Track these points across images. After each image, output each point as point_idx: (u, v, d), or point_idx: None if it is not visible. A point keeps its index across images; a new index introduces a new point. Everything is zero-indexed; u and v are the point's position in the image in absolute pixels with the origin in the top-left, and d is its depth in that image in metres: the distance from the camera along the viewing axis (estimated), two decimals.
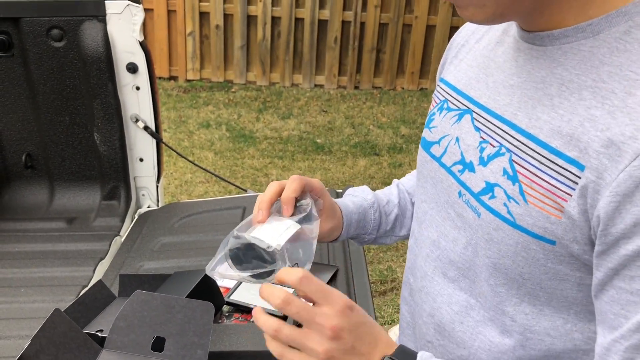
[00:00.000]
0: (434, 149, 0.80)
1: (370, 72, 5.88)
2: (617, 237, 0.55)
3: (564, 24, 0.63)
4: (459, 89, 0.79)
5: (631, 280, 0.55)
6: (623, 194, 0.53)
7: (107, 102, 1.48)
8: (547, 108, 0.63)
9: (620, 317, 0.57)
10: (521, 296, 0.67)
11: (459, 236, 0.73)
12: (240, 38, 5.77)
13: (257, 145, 4.86)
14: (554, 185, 0.60)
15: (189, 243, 1.38)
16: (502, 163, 0.66)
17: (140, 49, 1.47)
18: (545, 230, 0.61)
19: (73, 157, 1.55)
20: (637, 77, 0.56)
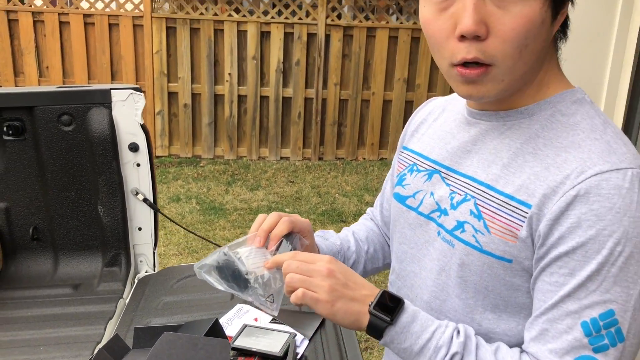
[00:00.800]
0: (410, 202, 0.99)
1: (333, 144, 6.20)
2: (548, 247, 0.78)
3: (510, 106, 0.87)
4: (425, 155, 1.00)
5: (551, 275, 0.78)
6: (553, 219, 0.76)
7: (112, 178, 1.66)
8: (499, 167, 0.85)
9: (540, 301, 0.80)
10: (485, 305, 0.87)
11: (434, 266, 0.93)
12: (208, 115, 6.03)
13: (227, 216, 5.02)
14: (510, 219, 0.82)
15: (189, 301, 1.53)
16: (468, 206, 0.87)
17: (141, 131, 1.67)
18: (504, 252, 0.82)
19: (77, 228, 1.71)
20: (562, 146, 0.81)
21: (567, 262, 0.76)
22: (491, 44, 0.76)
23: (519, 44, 0.76)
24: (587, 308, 0.75)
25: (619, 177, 0.75)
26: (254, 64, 5.89)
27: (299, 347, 1.32)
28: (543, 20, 0.76)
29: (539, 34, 0.77)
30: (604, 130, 0.81)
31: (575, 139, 0.80)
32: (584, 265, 0.75)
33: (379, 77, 6.02)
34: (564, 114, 0.84)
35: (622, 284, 0.74)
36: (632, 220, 0.73)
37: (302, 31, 5.84)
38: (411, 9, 5.98)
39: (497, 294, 0.85)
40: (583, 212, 0.74)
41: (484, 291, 0.86)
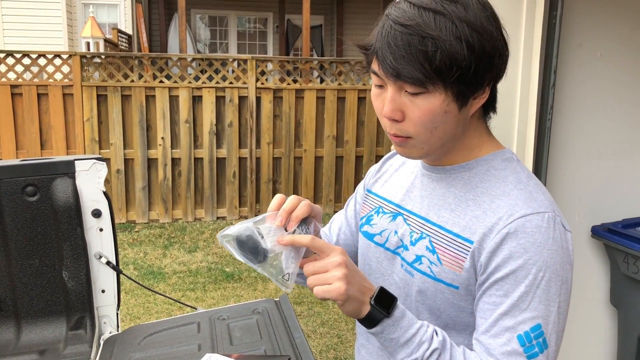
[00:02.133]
0: (377, 239, 1.16)
1: (269, 200, 6.32)
2: (487, 274, 0.96)
3: (453, 162, 1.06)
4: (389, 200, 1.18)
5: (489, 297, 0.97)
6: (491, 252, 0.95)
7: (76, 244, 1.74)
8: (448, 211, 1.04)
9: (482, 319, 0.98)
10: (438, 324, 1.03)
11: (400, 293, 1.09)
12: (141, 180, 6.06)
13: (167, 280, 5.01)
14: (456, 253, 1.00)
15: (158, 355, 1.62)
16: (424, 243, 1.05)
17: (104, 197, 1.78)
18: (452, 279, 1.00)
19: (41, 295, 1.76)
20: (495, 194, 1.00)
21: (502, 286, 0.94)
22: (406, 125, 0.97)
23: (427, 127, 0.96)
24: (521, 324, 0.93)
25: (538, 218, 0.94)
26: (187, 127, 6.03)
27: None
28: (446, 111, 0.95)
29: (445, 120, 0.96)
30: (527, 182, 1.01)
31: (505, 189, 1.00)
32: (515, 288, 0.93)
33: (310, 135, 6.29)
34: (496, 169, 1.03)
35: (544, 302, 0.93)
36: (549, 252, 0.93)
37: (233, 94, 6.07)
38: (335, 71, 6.37)
39: (447, 315, 1.03)
40: (513, 246, 0.94)
41: (437, 312, 1.04)
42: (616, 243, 2.18)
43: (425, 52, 0.89)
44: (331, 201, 6.45)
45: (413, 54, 0.90)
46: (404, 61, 0.90)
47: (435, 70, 0.90)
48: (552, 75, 1.98)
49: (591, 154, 2.22)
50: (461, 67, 0.90)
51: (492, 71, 0.95)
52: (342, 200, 6.49)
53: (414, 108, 0.95)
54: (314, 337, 3.99)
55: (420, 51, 0.89)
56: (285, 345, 1.61)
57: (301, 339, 1.64)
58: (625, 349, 2.29)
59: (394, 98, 0.95)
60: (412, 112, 0.95)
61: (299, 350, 1.59)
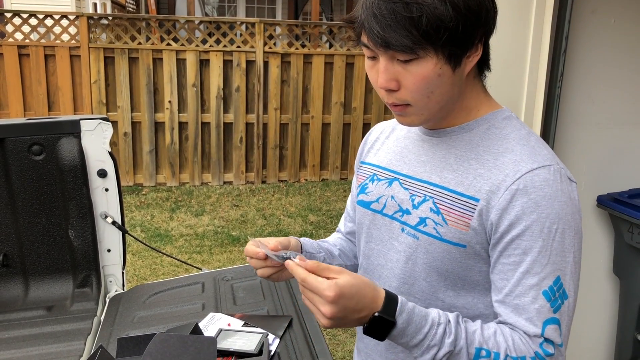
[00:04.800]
0: (374, 206, 1.16)
1: (275, 167, 6.36)
2: (501, 233, 0.96)
3: (452, 125, 1.06)
4: (383, 166, 1.17)
5: (508, 257, 0.96)
6: (502, 209, 0.95)
7: (82, 203, 1.75)
8: (449, 171, 1.04)
9: (503, 280, 0.98)
10: (447, 285, 1.05)
11: (400, 257, 1.09)
12: (148, 143, 6.06)
13: (173, 243, 5.06)
14: (462, 212, 1.00)
15: (163, 314, 1.65)
16: (428, 205, 1.05)
17: (109, 157, 1.78)
18: (460, 239, 1.00)
19: (48, 253, 1.79)
20: (498, 152, 1.00)
21: (520, 244, 0.94)
22: (403, 93, 0.97)
23: (423, 93, 0.96)
24: (544, 279, 0.94)
25: (545, 171, 0.95)
26: (194, 91, 6.00)
27: (272, 345, 1.46)
28: (439, 75, 0.95)
29: (440, 83, 0.96)
30: (528, 138, 1.02)
31: (508, 146, 1.00)
32: (533, 244, 0.93)
33: (317, 101, 6.25)
34: (497, 127, 1.04)
35: (561, 254, 0.94)
36: (560, 204, 0.94)
37: (240, 58, 6.01)
38: (344, 36, 6.28)
39: (455, 275, 1.03)
40: (524, 201, 0.94)
41: (445, 273, 1.04)
42: (621, 213, 2.17)
43: (411, 18, 0.89)
44: (337, 168, 6.45)
45: (399, 22, 0.89)
46: (391, 30, 0.90)
47: (424, 35, 0.90)
48: (564, 41, 1.95)
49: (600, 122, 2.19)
50: (449, 28, 0.90)
51: (481, 28, 0.95)
52: (348, 167, 6.48)
53: (407, 75, 0.95)
54: None
55: (405, 18, 0.89)
56: (288, 306, 1.63)
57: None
58: (626, 318, 2.31)
59: (386, 68, 0.95)
60: (406, 80, 0.95)
61: (301, 312, 1.61)
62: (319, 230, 5.24)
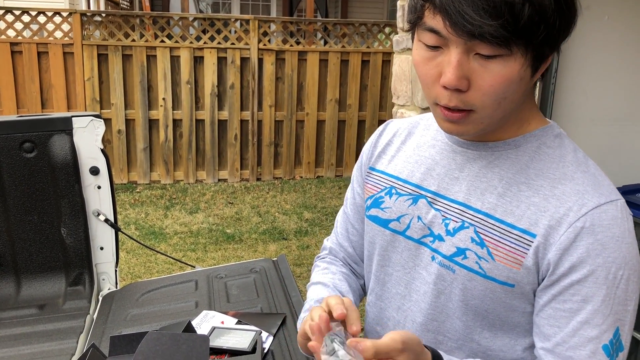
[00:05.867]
0: (394, 225, 0.99)
1: (270, 164, 6.35)
2: (559, 275, 0.83)
3: (496, 139, 0.90)
4: (404, 179, 0.99)
5: (564, 303, 0.84)
6: (563, 249, 0.82)
7: (74, 201, 1.74)
8: (494, 196, 0.88)
9: (554, 327, 0.85)
10: (483, 325, 0.91)
11: (429, 290, 0.95)
12: (142, 141, 6.04)
13: (168, 240, 5.05)
14: (514, 247, 0.85)
15: (156, 312, 1.64)
16: (468, 234, 0.89)
17: (102, 155, 1.77)
18: (508, 277, 0.86)
19: (40, 251, 1.77)
20: (555, 177, 0.86)
21: (580, 290, 0.81)
22: (471, 95, 0.80)
23: (497, 98, 0.80)
24: (605, 332, 0.81)
25: (613, 208, 0.83)
26: (188, 88, 5.98)
27: (265, 342, 1.46)
28: (521, 78, 0.80)
29: (517, 89, 0.81)
30: (586, 163, 0.88)
31: (567, 172, 0.86)
32: (595, 292, 0.81)
33: (312, 98, 6.24)
34: (549, 147, 0.89)
35: (623, 303, 0.82)
36: (627, 246, 0.82)
37: (235, 55, 5.99)
38: (339, 33, 6.27)
39: (495, 315, 0.90)
40: (590, 242, 0.80)
41: (483, 313, 0.91)
42: None
43: (512, 5, 0.74)
44: (332, 165, 6.44)
45: (497, 7, 0.73)
46: (487, 16, 0.74)
47: (523, 27, 0.75)
48: None
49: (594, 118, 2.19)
50: (548, 24, 0.76)
51: (570, 29, 0.81)
52: (343, 164, 6.47)
53: (485, 75, 0.78)
54: None
55: (506, 3, 0.74)
56: (282, 304, 1.62)
57: (298, 297, 1.65)
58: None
59: (460, 63, 0.78)
60: (481, 80, 0.79)
61: (295, 309, 1.60)
62: (314, 227, 5.24)
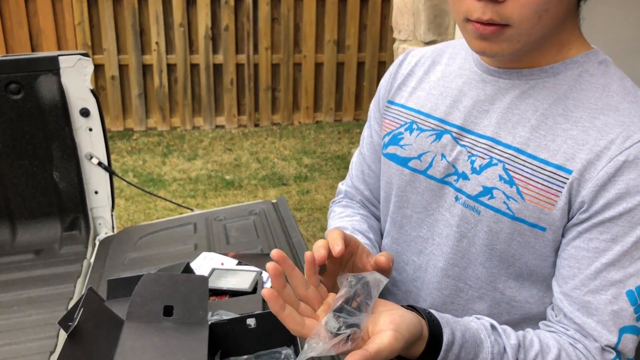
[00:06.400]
0: (414, 164, 0.92)
1: (268, 109, 6.25)
2: (591, 213, 0.75)
3: (532, 65, 0.81)
4: (426, 113, 0.92)
5: (589, 241, 0.76)
6: (600, 185, 0.74)
7: (65, 144, 1.69)
8: (526, 129, 0.80)
9: (574, 268, 0.77)
10: (509, 274, 0.85)
11: (452, 233, 0.88)
12: (137, 87, 5.93)
13: (167, 187, 5.02)
14: (547, 185, 0.78)
15: (154, 255, 1.61)
16: (496, 171, 0.81)
17: (91, 95, 1.70)
18: (539, 219, 0.79)
19: (33, 196, 1.73)
20: (596, 107, 0.78)
21: (610, 228, 0.74)
22: (509, 7, 0.72)
23: (537, 10, 0.72)
24: (632, 277, 0.74)
25: None
26: (182, 31, 5.81)
27: (266, 283, 1.43)
28: None
29: (560, 2, 0.74)
30: (635, 93, 0.80)
31: (611, 102, 0.78)
32: (628, 232, 0.74)
33: (310, 40, 6.08)
34: (592, 75, 0.80)
35: None
36: None
37: None
38: None
39: (523, 263, 0.83)
40: (632, 177, 0.73)
41: (510, 259, 0.84)
42: None
43: None
44: (331, 110, 6.34)
45: None
46: None
47: None
48: None
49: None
50: None
51: None
52: (342, 109, 6.37)
53: None
54: (313, 241, 4.03)
55: None
56: (282, 245, 1.59)
57: (298, 238, 1.62)
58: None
59: None
60: None
61: (296, 249, 1.58)
62: (314, 172, 5.20)
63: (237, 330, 1.13)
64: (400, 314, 0.68)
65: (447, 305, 0.92)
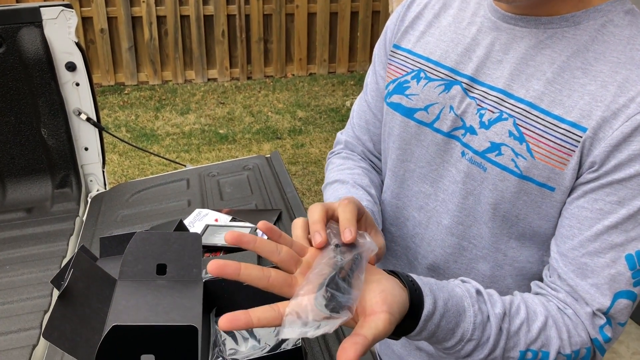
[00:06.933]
0: (420, 116, 0.86)
1: (261, 62, 6.14)
2: (600, 174, 0.71)
3: (551, 13, 0.75)
4: (436, 61, 0.86)
5: (594, 202, 0.72)
6: (614, 145, 0.69)
7: (52, 99, 1.64)
8: (542, 82, 0.74)
9: (574, 228, 0.73)
10: (511, 234, 0.81)
11: (457, 189, 0.84)
12: (127, 40, 5.79)
13: (160, 142, 4.97)
14: (559, 144, 0.72)
15: (147, 211, 1.59)
16: (506, 126, 0.76)
17: (77, 49, 1.64)
18: (548, 179, 0.74)
19: (22, 153, 1.70)
20: (618, 61, 0.71)
21: (618, 190, 0.70)
22: None
23: None
24: (633, 240, 0.71)
25: None
26: None
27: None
28: None
29: None
30: None
31: (635, 56, 0.72)
32: (637, 196, 0.70)
33: None
34: (616, 26, 0.74)
35: None
36: None
37: None
38: None
39: (527, 223, 0.80)
40: None
41: (513, 219, 0.80)
42: None
43: None
44: (325, 61, 6.23)
45: None
46: None
47: None
48: None
49: None
50: None
51: None
52: (336, 60, 6.25)
53: None
54: (308, 195, 4.04)
55: None
56: (277, 200, 1.57)
57: (293, 193, 1.60)
58: None
59: None
60: None
61: (290, 204, 1.56)
62: (308, 125, 5.15)
63: (232, 287, 1.11)
64: (391, 290, 0.61)
65: (449, 264, 0.90)
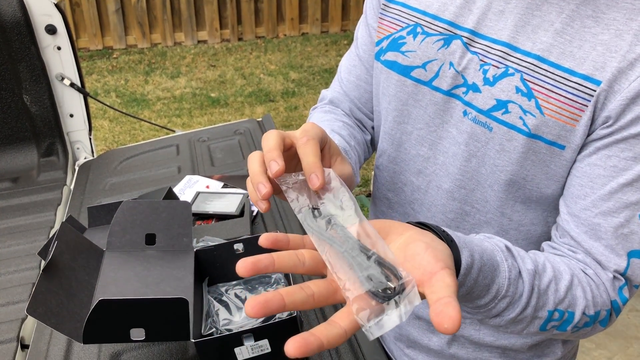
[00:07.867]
0: (417, 73, 0.81)
1: (252, 22, 6.00)
2: (615, 129, 0.67)
3: None
4: (433, 14, 0.80)
5: (607, 159, 0.67)
6: (631, 98, 0.65)
7: (33, 64, 1.57)
8: (549, 33, 0.69)
9: (586, 187, 0.69)
10: (516, 197, 0.77)
11: (459, 151, 0.79)
12: (113, 2, 5.64)
13: (151, 107, 4.89)
14: (571, 99, 0.68)
15: (136, 179, 1.55)
16: (512, 82, 0.71)
17: (57, 11, 1.57)
18: (558, 136, 0.70)
19: (4, 121, 1.64)
20: (633, 8, 0.66)
21: (634, 145, 0.66)
22: None
23: None
24: None
25: None
26: None
27: (253, 205, 1.39)
28: None
29: None
30: None
31: None
32: None
33: None
34: None
35: None
36: None
37: None
38: None
39: (534, 185, 0.76)
40: None
41: (520, 182, 0.76)
42: None
43: None
44: (317, 21, 6.10)
45: None
46: None
47: None
48: None
49: None
50: None
51: None
52: (329, 19, 6.12)
53: None
54: None
55: None
56: None
57: None
58: None
59: None
60: None
61: None
62: (301, 87, 5.07)
63: (225, 256, 1.08)
64: (434, 245, 0.52)
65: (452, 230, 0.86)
